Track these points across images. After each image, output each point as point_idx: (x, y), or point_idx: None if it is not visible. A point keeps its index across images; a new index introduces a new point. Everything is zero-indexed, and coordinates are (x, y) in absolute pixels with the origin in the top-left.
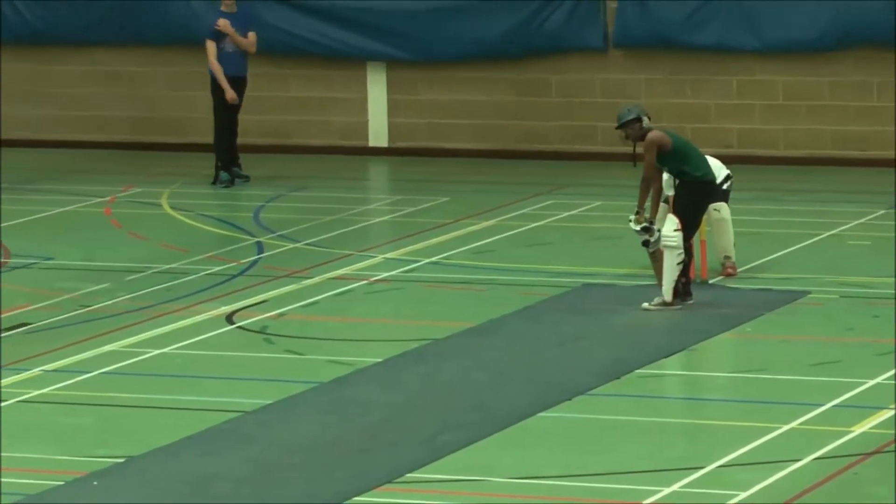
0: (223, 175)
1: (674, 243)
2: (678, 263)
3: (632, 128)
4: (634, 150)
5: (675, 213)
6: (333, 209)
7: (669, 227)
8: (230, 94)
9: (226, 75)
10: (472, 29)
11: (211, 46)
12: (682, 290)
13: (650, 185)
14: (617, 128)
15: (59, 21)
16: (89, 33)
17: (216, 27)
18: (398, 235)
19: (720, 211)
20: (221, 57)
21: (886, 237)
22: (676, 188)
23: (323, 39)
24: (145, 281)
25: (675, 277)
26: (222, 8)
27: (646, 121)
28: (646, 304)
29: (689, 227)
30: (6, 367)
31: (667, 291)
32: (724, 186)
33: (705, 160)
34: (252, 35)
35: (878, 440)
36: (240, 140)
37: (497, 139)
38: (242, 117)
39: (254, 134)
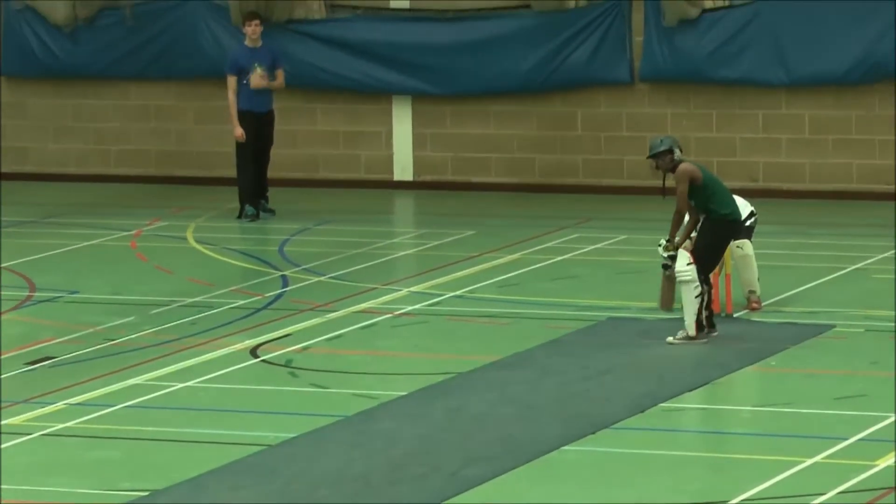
0: (248, 209)
1: (688, 277)
2: (696, 297)
3: (663, 159)
4: (664, 181)
5: (696, 248)
6: (358, 242)
7: (682, 262)
8: (238, 131)
9: (250, 111)
10: (497, 63)
11: (231, 81)
12: (706, 322)
13: (683, 216)
14: (648, 157)
15: (87, 56)
16: (118, 68)
17: (251, 87)
18: (423, 269)
19: (743, 248)
20: (245, 92)
21: None
22: (701, 225)
23: (349, 73)
24: (170, 314)
25: (696, 311)
26: (246, 42)
27: (677, 153)
28: (670, 339)
29: (709, 263)
30: (31, 400)
31: (689, 325)
32: (748, 223)
33: (732, 198)
34: (280, 74)
35: None
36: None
37: (523, 173)
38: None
39: (280, 167)
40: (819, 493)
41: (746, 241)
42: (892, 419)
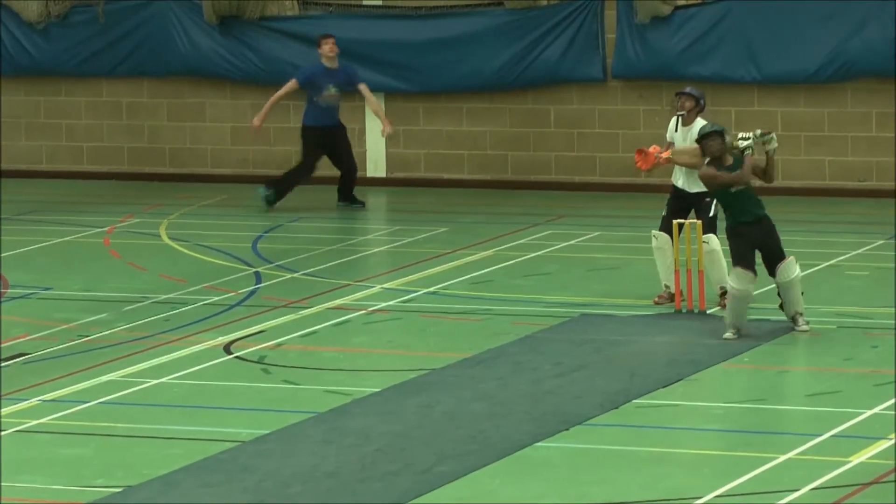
0: (270, 195)
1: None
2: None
3: (714, 140)
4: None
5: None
6: (331, 239)
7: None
8: (256, 121)
9: (319, 126)
10: (470, 60)
11: (290, 85)
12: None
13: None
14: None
15: (60, 53)
16: (90, 65)
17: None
18: (396, 266)
19: (709, 242)
20: (315, 109)
21: (884, 267)
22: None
23: None
24: (143, 311)
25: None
26: (323, 61)
27: (728, 140)
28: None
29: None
30: (4, 397)
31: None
32: (710, 214)
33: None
34: (364, 88)
35: (875, 470)
36: (239, 171)
37: (496, 170)
38: (243, 148)
39: (252, 164)
40: (792, 489)
41: (712, 235)
42: (866, 416)
